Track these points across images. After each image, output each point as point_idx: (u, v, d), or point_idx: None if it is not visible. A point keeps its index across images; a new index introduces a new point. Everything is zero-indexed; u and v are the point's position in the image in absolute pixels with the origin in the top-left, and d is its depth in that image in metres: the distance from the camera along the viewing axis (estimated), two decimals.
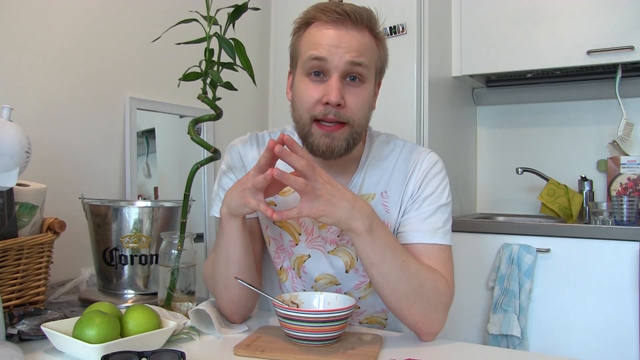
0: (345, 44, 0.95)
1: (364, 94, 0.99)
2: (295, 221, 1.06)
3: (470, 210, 2.39)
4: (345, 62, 0.95)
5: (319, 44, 0.96)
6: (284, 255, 1.09)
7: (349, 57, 0.95)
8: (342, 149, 0.98)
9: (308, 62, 0.97)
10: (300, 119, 1.00)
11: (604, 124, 2.20)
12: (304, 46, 1.00)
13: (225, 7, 1.03)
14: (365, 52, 0.97)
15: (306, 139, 0.99)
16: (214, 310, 0.99)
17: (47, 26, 1.43)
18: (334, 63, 0.95)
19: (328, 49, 0.95)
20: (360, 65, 0.96)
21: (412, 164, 1.07)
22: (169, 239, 1.06)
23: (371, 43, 1.00)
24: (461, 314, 1.85)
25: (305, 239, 1.06)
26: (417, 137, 1.92)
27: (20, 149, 0.88)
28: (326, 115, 0.96)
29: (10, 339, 0.86)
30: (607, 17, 1.89)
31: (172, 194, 1.80)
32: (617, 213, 1.82)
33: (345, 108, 0.96)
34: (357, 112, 0.98)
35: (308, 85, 0.98)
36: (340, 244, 1.05)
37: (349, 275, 1.06)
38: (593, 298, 1.67)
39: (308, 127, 0.98)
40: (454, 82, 2.19)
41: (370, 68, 0.99)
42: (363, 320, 1.10)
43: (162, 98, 1.75)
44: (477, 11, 2.11)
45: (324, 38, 0.96)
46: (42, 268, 1.05)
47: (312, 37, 0.99)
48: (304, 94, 0.99)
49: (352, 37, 0.96)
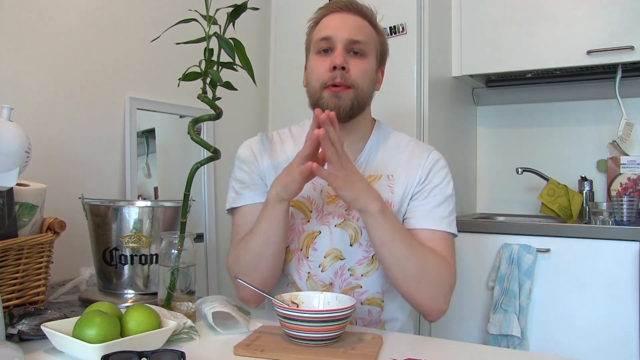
0: (347, 25, 1.14)
1: (365, 65, 1.14)
2: (306, 200, 1.16)
3: (470, 210, 2.39)
4: (347, 39, 1.12)
5: (326, 27, 1.15)
6: (293, 235, 1.16)
7: (348, 34, 1.12)
8: (348, 108, 1.12)
9: (318, 43, 1.15)
10: (313, 89, 1.15)
11: (604, 124, 2.20)
12: (315, 35, 1.18)
13: (225, 6, 1.03)
14: (364, 32, 1.15)
15: (318, 104, 1.13)
16: (233, 308, 1.00)
17: (47, 26, 1.43)
18: (338, 38, 1.12)
19: (332, 29, 1.14)
20: (359, 42, 1.13)
21: (419, 155, 1.20)
22: (169, 239, 1.06)
23: (370, 29, 1.17)
24: (461, 314, 1.85)
25: (316, 216, 1.16)
26: (417, 137, 1.92)
27: (20, 149, 0.88)
28: (334, 80, 1.11)
29: (10, 339, 0.86)
30: (607, 17, 1.89)
31: (172, 194, 1.80)
32: (617, 213, 1.82)
33: (350, 73, 1.11)
34: (359, 78, 1.13)
35: (318, 60, 1.15)
36: (347, 217, 1.15)
37: (353, 249, 1.14)
38: (593, 298, 1.67)
39: (319, 93, 1.13)
40: (454, 82, 2.19)
41: (370, 45, 1.15)
42: (364, 301, 1.15)
43: (162, 98, 1.75)
44: (477, 11, 2.11)
45: (330, 22, 1.15)
46: (42, 268, 1.05)
47: (320, 25, 1.17)
48: (315, 67, 1.15)
49: (353, 21, 1.15)
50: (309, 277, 1.15)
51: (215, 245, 1.94)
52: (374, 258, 1.14)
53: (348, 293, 1.13)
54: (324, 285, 1.14)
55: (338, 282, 1.14)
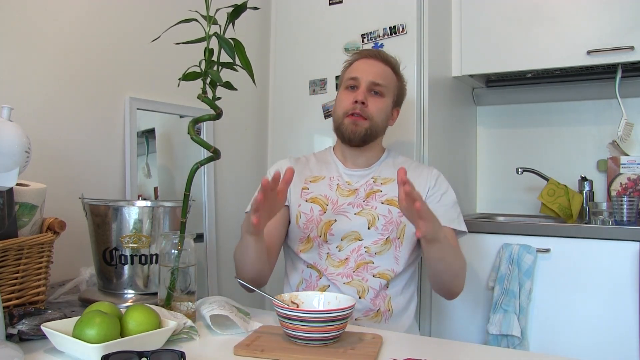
0: (372, 70, 1.40)
1: (382, 103, 1.40)
2: (323, 196, 1.39)
3: (470, 210, 2.39)
4: (370, 81, 1.38)
5: (355, 70, 1.43)
6: (312, 225, 1.37)
7: (372, 77, 1.39)
8: (362, 134, 1.37)
9: (347, 81, 1.42)
10: (337, 116, 1.42)
11: (604, 124, 2.20)
12: (346, 74, 1.45)
13: (225, 6, 1.03)
14: (385, 77, 1.41)
15: (339, 129, 1.41)
16: (232, 310, 1.00)
17: (47, 26, 1.43)
18: (363, 79, 1.39)
19: (360, 72, 1.41)
20: (379, 85, 1.39)
21: (425, 169, 1.45)
22: (169, 239, 1.06)
23: (392, 75, 1.43)
24: (461, 314, 1.85)
25: (332, 208, 1.38)
26: (417, 137, 1.92)
27: (20, 149, 0.88)
28: (355, 110, 1.37)
29: (10, 339, 0.87)
30: (607, 17, 1.89)
31: (172, 194, 1.80)
32: (617, 213, 1.82)
33: (368, 108, 1.37)
34: (375, 113, 1.38)
35: (345, 94, 1.41)
36: (365, 207, 1.37)
37: (370, 232, 1.35)
38: (593, 298, 1.67)
39: (342, 120, 1.39)
40: (454, 82, 2.19)
41: (389, 88, 1.41)
42: (376, 274, 1.33)
43: (162, 98, 1.75)
44: (477, 11, 2.11)
45: (360, 66, 1.43)
46: (42, 268, 1.05)
47: (352, 67, 1.45)
48: (342, 99, 1.42)
49: (378, 67, 1.41)
50: (327, 257, 1.35)
51: (215, 245, 1.94)
52: (387, 240, 1.34)
53: (361, 267, 1.33)
54: (340, 260, 1.34)
55: (354, 257, 1.34)
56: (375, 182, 1.41)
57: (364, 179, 1.42)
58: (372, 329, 1.02)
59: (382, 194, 1.38)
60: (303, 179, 1.43)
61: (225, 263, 1.96)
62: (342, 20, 2.03)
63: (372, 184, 1.40)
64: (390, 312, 1.32)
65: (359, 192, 1.39)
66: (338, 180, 1.42)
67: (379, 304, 1.32)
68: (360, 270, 1.32)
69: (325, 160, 1.49)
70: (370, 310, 1.31)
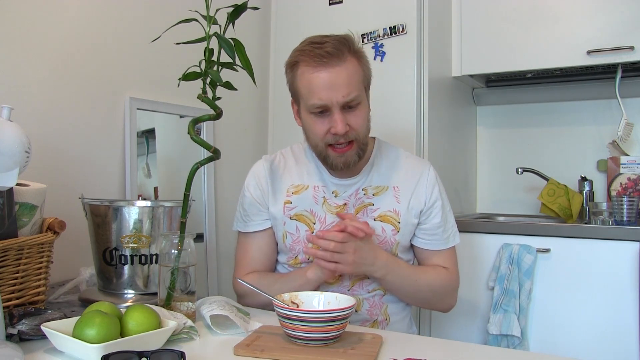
0: (338, 83, 1.13)
1: (362, 113, 1.20)
2: (309, 213, 1.26)
3: (470, 210, 2.39)
4: (342, 102, 1.14)
5: (317, 91, 1.14)
6: (299, 247, 1.26)
7: (342, 97, 1.14)
8: (355, 161, 1.22)
9: (312, 108, 1.17)
10: (316, 146, 1.22)
11: (604, 124, 2.20)
12: (303, 89, 1.18)
13: (225, 6, 1.03)
14: (354, 83, 1.16)
15: (325, 160, 1.23)
16: (232, 310, 1.00)
17: (47, 26, 1.43)
18: (333, 102, 1.14)
19: (326, 94, 1.14)
20: (353, 100, 1.15)
21: (420, 169, 1.31)
22: (169, 239, 1.06)
23: (355, 67, 1.17)
24: (461, 314, 1.85)
25: (320, 227, 1.25)
26: (417, 137, 1.92)
27: (20, 149, 0.88)
28: (337, 141, 1.18)
29: (10, 339, 0.86)
30: (607, 17, 1.89)
31: (172, 194, 1.80)
32: (617, 213, 1.82)
33: (350, 130, 1.17)
34: (360, 130, 1.19)
35: (316, 121, 1.19)
36: None
37: None
38: (593, 298, 1.67)
39: (324, 151, 1.21)
40: (454, 82, 2.19)
41: (361, 91, 1.19)
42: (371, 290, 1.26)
43: (162, 98, 1.75)
44: (477, 11, 2.11)
45: (319, 83, 1.14)
46: (42, 268, 1.04)
47: (309, 83, 1.16)
48: (314, 129, 1.19)
49: (340, 75, 1.14)
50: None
51: (215, 245, 1.94)
52: None
53: (356, 284, 1.25)
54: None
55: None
56: (365, 193, 1.27)
57: (352, 188, 1.27)
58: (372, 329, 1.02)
59: (373, 209, 1.26)
60: (284, 190, 1.27)
61: (225, 263, 1.96)
62: (342, 20, 2.03)
63: (362, 197, 1.26)
64: (388, 321, 1.27)
65: (347, 208, 1.26)
66: (324, 191, 1.27)
67: (376, 314, 1.26)
68: (355, 288, 1.24)
69: (305, 162, 1.32)
70: (367, 320, 1.25)
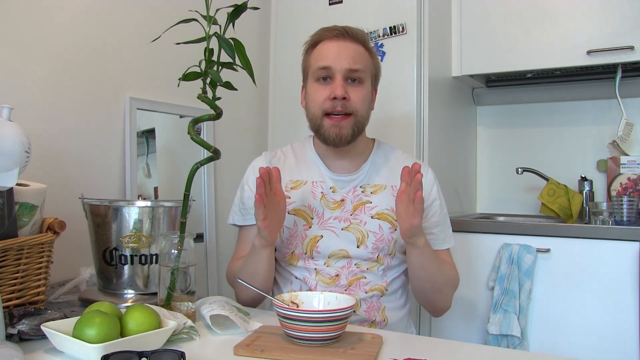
0: (345, 54, 1.20)
1: (363, 91, 1.23)
2: (307, 207, 1.26)
3: (470, 210, 2.39)
4: (346, 69, 1.19)
5: (325, 56, 1.21)
6: (297, 241, 1.25)
7: (347, 64, 1.19)
8: (349, 136, 1.21)
9: (317, 72, 1.22)
10: (313, 116, 1.23)
11: (604, 124, 2.20)
12: (313, 60, 1.24)
13: (225, 6, 1.03)
14: (360, 60, 1.22)
15: (318, 131, 1.23)
16: (232, 310, 1.00)
17: (47, 26, 1.43)
18: (337, 68, 1.19)
19: (332, 58, 1.20)
20: (357, 71, 1.21)
21: None
22: (169, 239, 1.06)
23: (365, 54, 1.24)
24: (461, 314, 1.85)
25: (318, 222, 1.25)
26: (417, 137, 1.92)
27: (20, 149, 0.88)
28: (335, 108, 1.19)
29: (10, 339, 0.86)
30: (607, 17, 1.89)
31: (172, 194, 1.80)
32: (617, 213, 1.82)
33: (350, 101, 1.20)
34: (359, 105, 1.21)
35: (318, 88, 1.22)
36: (353, 222, 1.25)
37: (359, 250, 1.24)
38: (593, 298, 1.67)
39: (320, 120, 1.21)
40: (454, 82, 2.19)
41: (366, 72, 1.24)
42: (368, 290, 1.25)
43: (162, 98, 1.75)
44: (477, 11, 2.11)
45: (328, 51, 1.22)
46: (42, 268, 1.05)
47: (319, 52, 1.23)
48: (315, 94, 1.22)
49: (350, 48, 1.21)
50: (317, 273, 1.25)
51: (215, 245, 1.94)
52: (378, 257, 1.25)
53: (354, 283, 1.24)
54: (330, 277, 1.24)
55: (345, 274, 1.24)
56: (364, 191, 1.27)
57: (350, 185, 1.27)
58: (371, 329, 1.02)
59: (371, 207, 1.25)
60: (283, 185, 1.24)
61: (225, 263, 1.96)
62: (342, 20, 2.00)
63: (360, 194, 1.27)
64: (386, 322, 1.25)
65: (345, 204, 1.26)
66: (322, 186, 1.27)
67: (374, 315, 1.24)
68: (353, 287, 1.23)
69: (305, 158, 1.32)
70: (365, 321, 1.23)
